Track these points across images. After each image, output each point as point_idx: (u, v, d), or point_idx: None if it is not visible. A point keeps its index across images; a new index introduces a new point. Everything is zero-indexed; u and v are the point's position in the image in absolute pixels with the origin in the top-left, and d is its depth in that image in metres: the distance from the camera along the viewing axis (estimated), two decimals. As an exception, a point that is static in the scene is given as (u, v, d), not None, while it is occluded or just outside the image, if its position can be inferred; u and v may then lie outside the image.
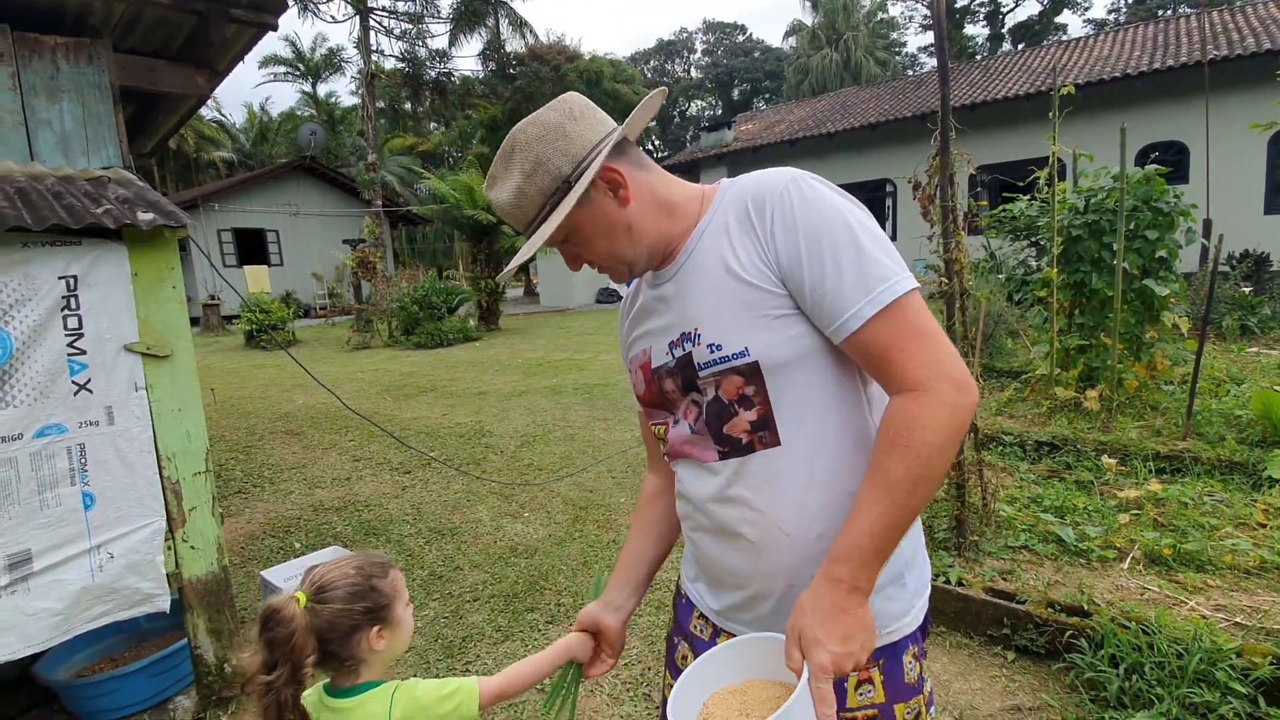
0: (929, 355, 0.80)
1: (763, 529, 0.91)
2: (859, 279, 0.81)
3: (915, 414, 0.79)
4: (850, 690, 0.90)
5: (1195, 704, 1.95)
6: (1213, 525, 2.94)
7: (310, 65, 31.96)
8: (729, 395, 0.90)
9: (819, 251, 0.83)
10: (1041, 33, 32.11)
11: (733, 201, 0.93)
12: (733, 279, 0.89)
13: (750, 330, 0.87)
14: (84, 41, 2.48)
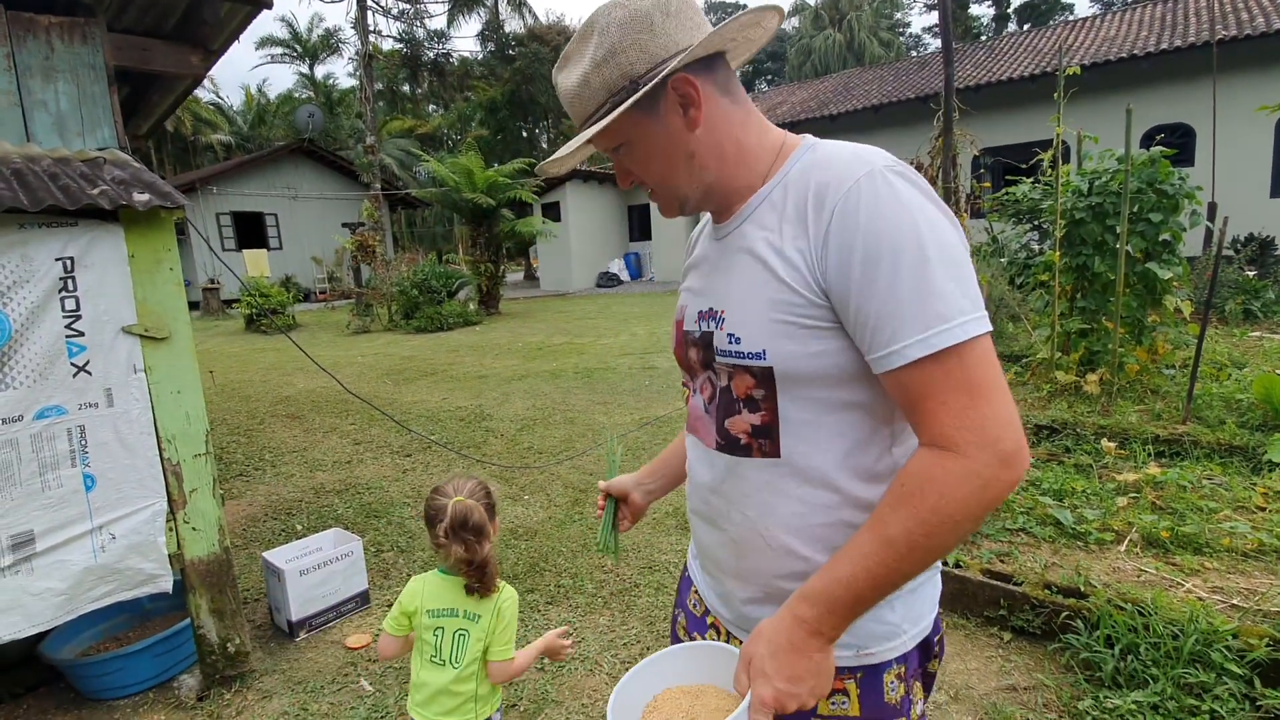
0: (975, 416, 0.69)
1: (746, 532, 0.88)
2: (916, 312, 0.69)
3: (938, 476, 0.70)
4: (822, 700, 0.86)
5: (1190, 684, 1.97)
6: (1211, 508, 2.95)
7: (307, 46, 31.65)
8: (738, 392, 0.85)
9: (875, 267, 0.71)
10: (1048, 12, 31.72)
11: (799, 177, 0.81)
12: (768, 271, 0.79)
13: (773, 333, 0.79)
14: (78, 21, 2.45)
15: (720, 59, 0.85)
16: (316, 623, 2.73)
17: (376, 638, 2.67)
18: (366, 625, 2.77)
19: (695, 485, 0.98)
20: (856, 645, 0.85)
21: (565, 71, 0.86)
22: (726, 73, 0.86)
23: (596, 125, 0.82)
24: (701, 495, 0.96)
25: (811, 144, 0.85)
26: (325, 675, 2.46)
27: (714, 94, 0.84)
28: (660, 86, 0.81)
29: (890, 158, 0.77)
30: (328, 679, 2.44)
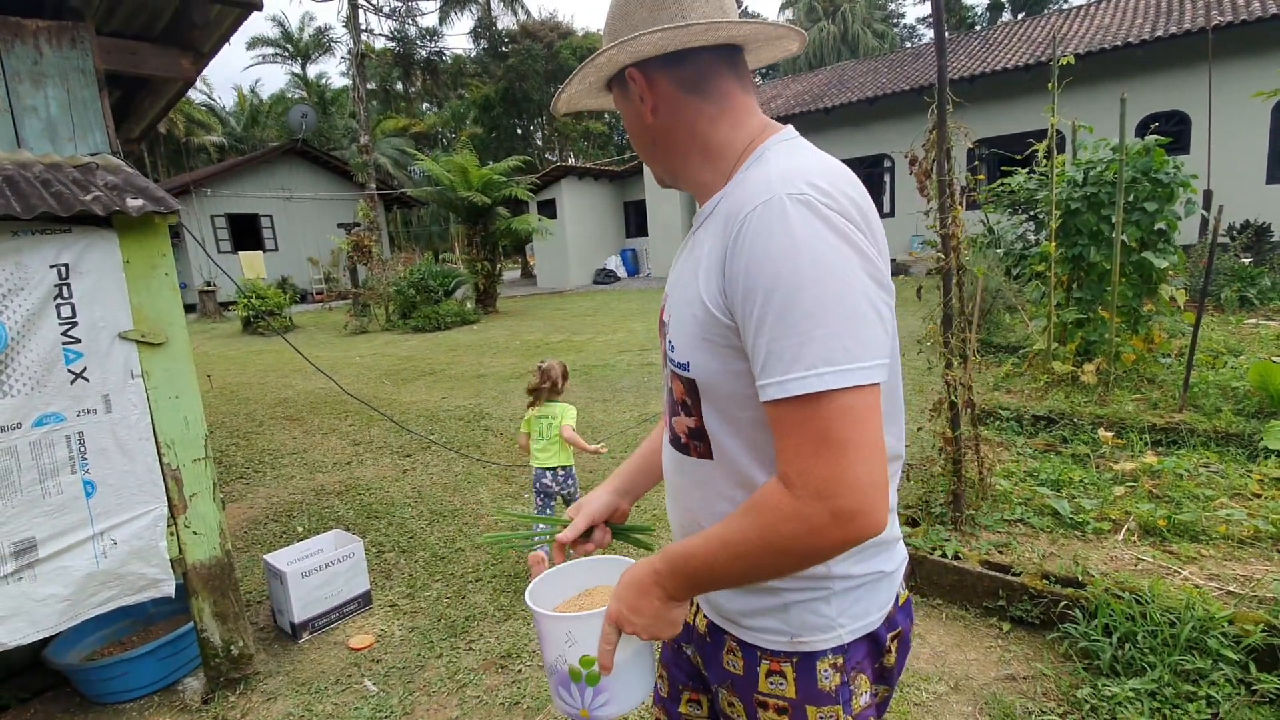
0: (819, 468, 0.67)
1: (689, 520, 0.94)
2: (779, 353, 0.68)
3: (773, 506, 0.71)
4: (761, 676, 0.90)
5: (1187, 671, 1.98)
6: (1208, 496, 2.96)
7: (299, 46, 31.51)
8: (677, 395, 0.88)
9: (752, 302, 0.71)
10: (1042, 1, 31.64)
11: (737, 189, 0.80)
12: (695, 291, 0.80)
13: (697, 349, 0.80)
14: (66, 25, 2.44)
15: (696, 56, 0.85)
16: (319, 624, 2.74)
17: (379, 639, 2.69)
18: (369, 626, 2.78)
19: (664, 471, 1.04)
20: (790, 633, 0.87)
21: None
22: (701, 69, 0.85)
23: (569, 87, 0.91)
24: (666, 480, 1.02)
25: (761, 151, 0.83)
26: (329, 676, 2.47)
27: (672, 88, 0.85)
28: (621, 73, 0.87)
29: (803, 181, 0.72)
30: (331, 680, 2.45)
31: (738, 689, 0.92)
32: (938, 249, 2.83)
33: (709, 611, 0.97)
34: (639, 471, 1.16)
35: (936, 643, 2.41)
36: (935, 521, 2.93)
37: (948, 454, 2.93)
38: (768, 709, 0.90)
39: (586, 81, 0.90)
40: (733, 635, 0.92)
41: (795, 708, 0.88)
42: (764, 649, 0.89)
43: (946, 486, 2.99)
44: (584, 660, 0.90)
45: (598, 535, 1.11)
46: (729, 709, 0.94)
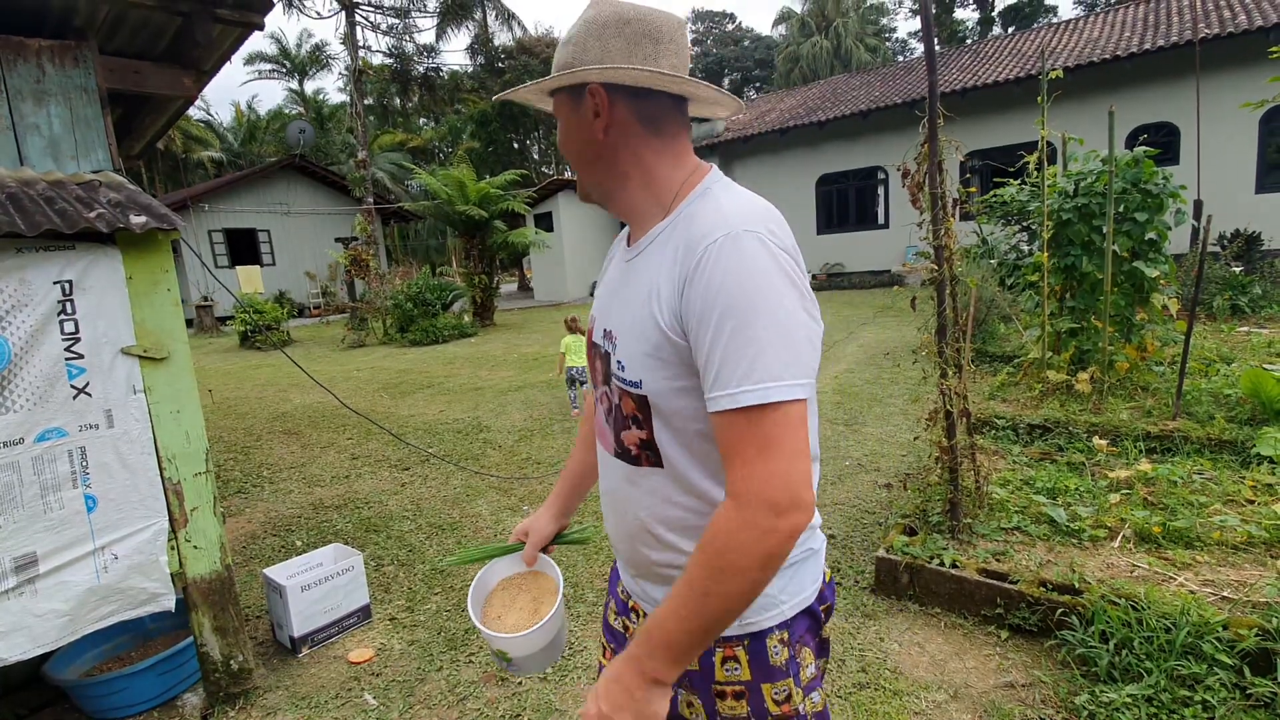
0: (758, 471, 0.77)
1: (639, 530, 0.98)
2: (732, 368, 0.77)
3: (724, 527, 0.78)
4: (717, 665, 0.95)
5: (1183, 676, 2.00)
6: (1202, 503, 2.99)
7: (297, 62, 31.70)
8: (626, 410, 0.94)
9: (710, 321, 0.79)
10: (1031, 15, 32.03)
11: (684, 222, 0.88)
12: (649, 309, 0.87)
13: (647, 366, 0.88)
14: (69, 44, 2.48)
15: (659, 96, 0.93)
16: (319, 638, 2.74)
17: (379, 652, 2.68)
18: (369, 640, 2.78)
19: (602, 482, 1.08)
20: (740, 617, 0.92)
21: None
22: (660, 108, 0.94)
23: (529, 87, 0.96)
24: (606, 495, 1.06)
25: (705, 188, 0.92)
26: (328, 690, 2.47)
27: (630, 117, 0.92)
28: (580, 86, 0.92)
29: (759, 222, 0.82)
30: (331, 694, 2.44)
31: (695, 685, 0.98)
32: (931, 260, 2.86)
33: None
34: (572, 493, 1.29)
35: (935, 651, 2.42)
36: (932, 530, 2.95)
37: (944, 463, 2.95)
38: (726, 698, 0.96)
39: (546, 85, 0.95)
40: None
41: (751, 690, 0.95)
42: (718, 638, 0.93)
43: (943, 495, 3.01)
44: (500, 654, 1.15)
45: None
46: (687, 711, 1.00)
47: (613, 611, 1.19)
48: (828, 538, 3.31)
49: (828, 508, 3.70)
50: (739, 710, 0.96)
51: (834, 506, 3.71)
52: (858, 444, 4.69)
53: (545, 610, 1.18)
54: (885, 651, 2.44)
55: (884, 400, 5.75)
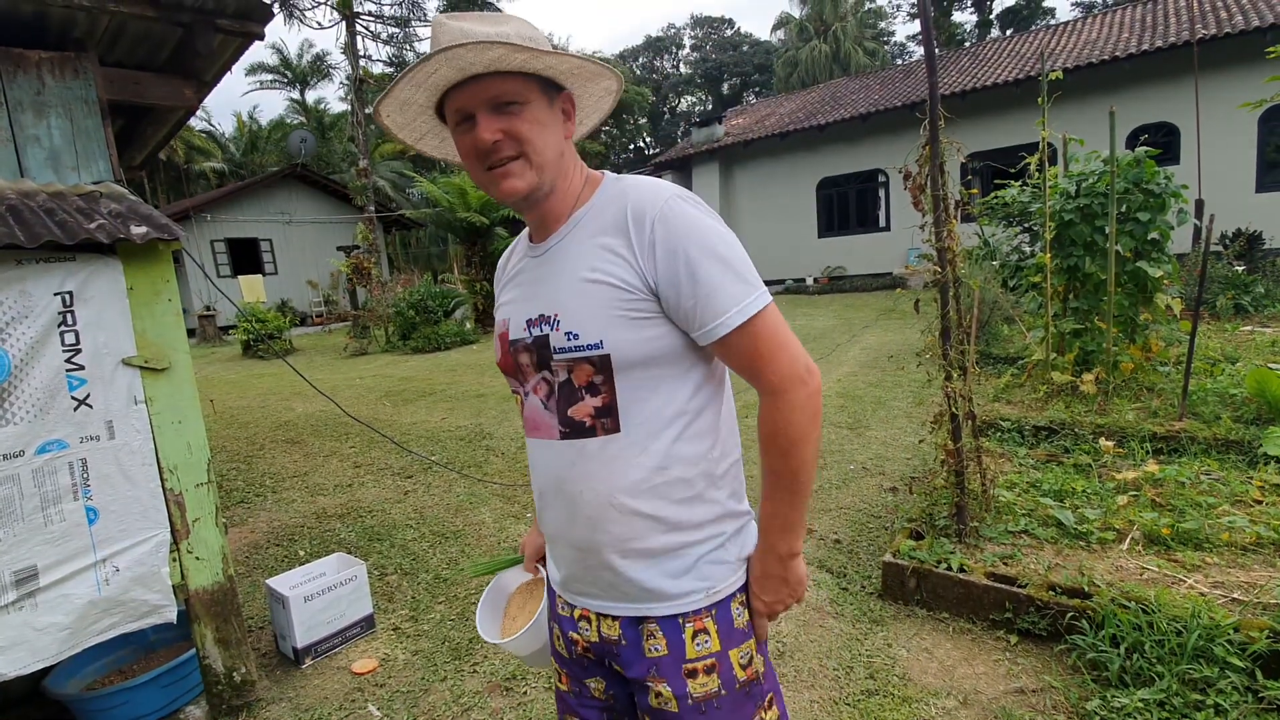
0: (782, 360, 0.94)
1: (598, 506, 0.99)
2: (728, 294, 0.91)
3: (778, 419, 0.95)
4: (688, 642, 1.01)
5: (1194, 679, 1.97)
6: (1210, 504, 2.96)
7: (298, 72, 31.84)
8: (579, 381, 0.97)
9: (695, 266, 0.91)
10: (1029, 17, 32.09)
11: (611, 203, 0.98)
12: (598, 277, 0.94)
13: (608, 326, 0.94)
14: (69, 56, 2.48)
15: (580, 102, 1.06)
16: (322, 649, 2.72)
17: (383, 663, 2.67)
18: (372, 650, 2.77)
19: (540, 477, 1.08)
20: (707, 587, 1.02)
21: (479, 21, 0.92)
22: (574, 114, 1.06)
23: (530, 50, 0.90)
24: (550, 490, 1.05)
25: (615, 178, 1.03)
26: (332, 702, 2.45)
27: (570, 124, 1.04)
28: (558, 85, 0.99)
29: (674, 189, 0.98)
30: (335, 706, 2.43)
31: (663, 671, 1.01)
32: (934, 262, 2.85)
33: (624, 608, 1.03)
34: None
35: (944, 656, 2.39)
36: (939, 534, 2.93)
37: (950, 466, 2.93)
38: (697, 675, 1.00)
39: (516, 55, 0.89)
40: (652, 618, 1.01)
41: (720, 659, 1.01)
42: (686, 614, 1.01)
43: (950, 499, 2.99)
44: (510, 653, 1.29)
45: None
46: (656, 701, 1.01)
47: (556, 635, 1.16)
48: (834, 542, 3.30)
49: (833, 512, 3.68)
50: (710, 685, 1.00)
51: (839, 511, 3.69)
52: (862, 447, 4.67)
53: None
54: (893, 658, 2.42)
55: (888, 403, 5.73)
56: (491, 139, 0.94)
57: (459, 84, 0.94)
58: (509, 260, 1.16)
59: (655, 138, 45.29)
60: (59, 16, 2.39)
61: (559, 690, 1.19)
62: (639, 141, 44.62)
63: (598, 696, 1.12)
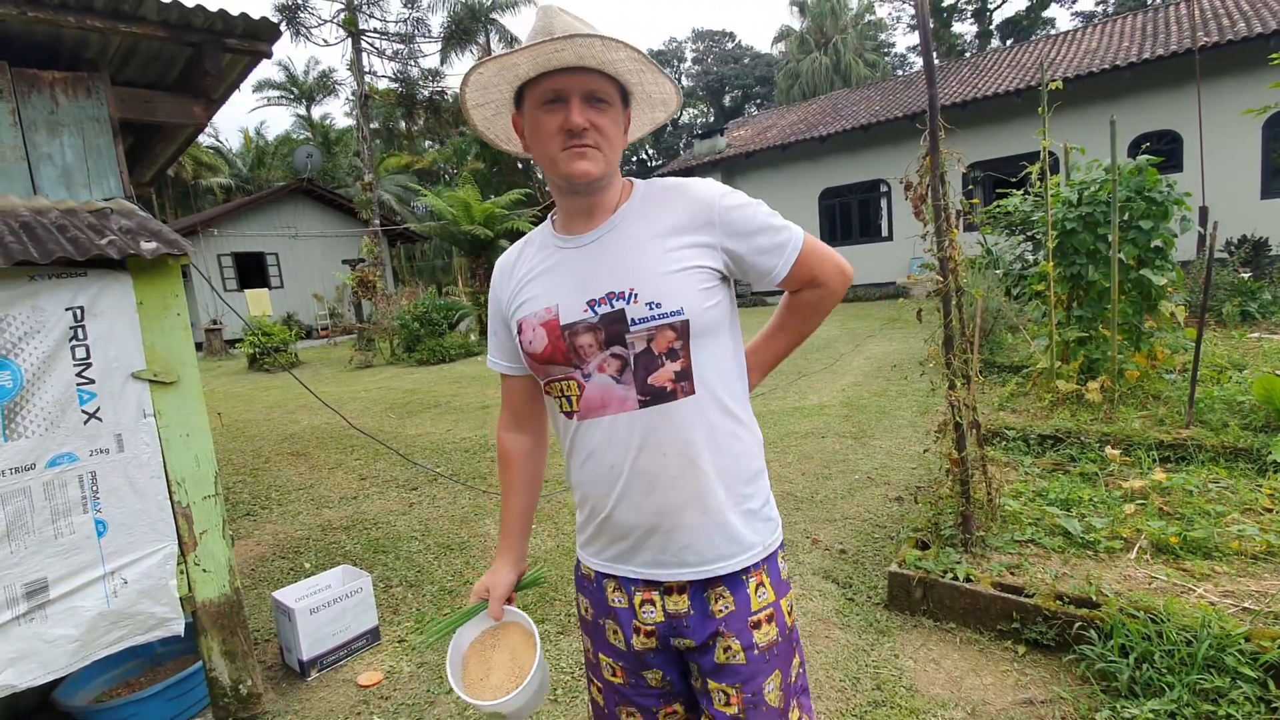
0: (830, 261, 1.19)
1: (681, 465, 1.07)
2: (783, 237, 1.13)
3: (826, 300, 1.22)
4: (752, 595, 1.11)
5: (1205, 690, 1.96)
6: (1219, 512, 2.95)
7: (304, 88, 32.18)
8: (660, 348, 1.05)
9: (758, 226, 1.11)
10: (1030, 28, 32.23)
11: (661, 198, 1.12)
12: (672, 256, 1.07)
13: (686, 294, 1.05)
14: (81, 76, 2.53)
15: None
16: (328, 661, 2.72)
17: (388, 675, 2.66)
18: (377, 663, 2.76)
19: (614, 459, 1.09)
20: (762, 540, 1.13)
21: (581, 22, 1.04)
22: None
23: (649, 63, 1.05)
24: (626, 461, 1.08)
25: (643, 181, 1.17)
26: (337, 715, 2.45)
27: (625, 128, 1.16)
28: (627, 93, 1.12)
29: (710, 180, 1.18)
30: (340, 718, 2.42)
31: (732, 626, 1.10)
32: (936, 271, 2.86)
33: (692, 573, 1.10)
34: (522, 537, 1.33)
35: (951, 667, 2.38)
36: (945, 544, 2.91)
37: (955, 475, 2.92)
38: (760, 626, 1.11)
39: (631, 63, 1.03)
40: (719, 579, 1.10)
41: (776, 609, 1.13)
42: (748, 569, 1.11)
43: (955, 508, 2.98)
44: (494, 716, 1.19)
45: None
46: (724, 656, 1.09)
47: (612, 631, 1.18)
48: (839, 552, 3.29)
49: (838, 522, 3.67)
50: (771, 634, 1.12)
51: (844, 520, 3.68)
52: (867, 457, 4.66)
53: (525, 659, 1.19)
54: (900, 669, 2.40)
55: (892, 413, 5.72)
56: (583, 123, 1.04)
57: (559, 70, 1.03)
58: (518, 260, 1.20)
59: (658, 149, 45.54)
60: (72, 37, 2.43)
61: (610, 684, 1.20)
62: (641, 154, 44.87)
63: (654, 686, 1.17)
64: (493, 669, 1.21)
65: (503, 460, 1.33)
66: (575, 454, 1.14)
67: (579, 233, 1.13)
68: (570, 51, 0.99)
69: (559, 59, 1.01)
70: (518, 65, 1.03)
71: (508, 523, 1.32)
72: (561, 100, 1.04)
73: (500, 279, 1.22)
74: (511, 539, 1.31)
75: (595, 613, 1.21)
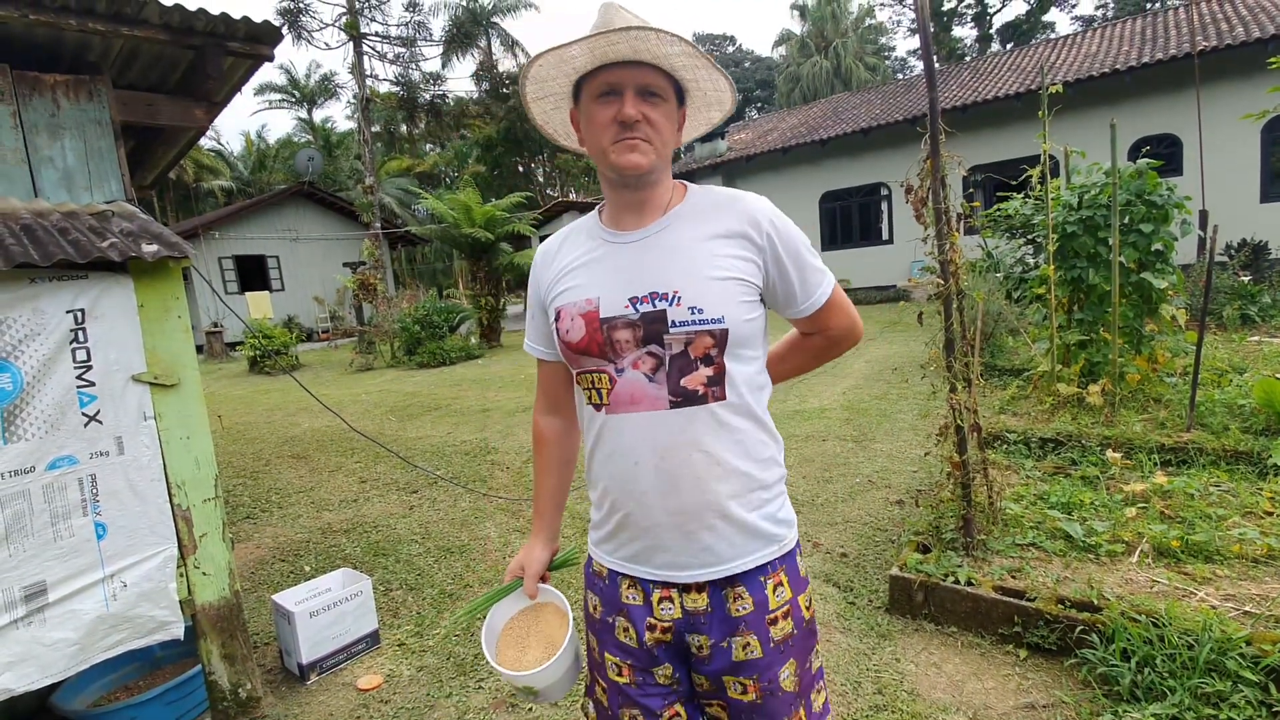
0: (850, 313, 1.24)
1: (705, 466, 1.09)
2: (820, 276, 1.17)
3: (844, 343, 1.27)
4: (770, 595, 1.13)
5: (1207, 694, 1.95)
6: (1220, 515, 2.94)
7: (305, 92, 32.27)
8: (696, 353, 1.07)
9: (801, 258, 1.14)
10: (1029, 32, 32.29)
11: (716, 207, 1.14)
12: (721, 258, 1.09)
13: (727, 304, 1.07)
14: (83, 79, 2.53)
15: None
16: (327, 665, 2.72)
17: (387, 679, 2.66)
18: (377, 666, 2.76)
19: (640, 455, 1.10)
20: (780, 539, 1.16)
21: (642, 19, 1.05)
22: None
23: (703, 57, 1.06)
24: (652, 459, 1.09)
25: (699, 187, 1.18)
26: (337, 719, 2.44)
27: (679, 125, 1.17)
28: (682, 92, 1.13)
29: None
30: (340, 722, 2.42)
31: (752, 624, 1.12)
32: (937, 275, 2.86)
33: (712, 572, 1.11)
34: (556, 515, 1.36)
35: (953, 671, 2.37)
36: (946, 548, 2.91)
37: (956, 479, 2.92)
38: (777, 622, 1.14)
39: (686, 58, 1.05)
40: (737, 579, 1.12)
41: (794, 605, 1.16)
42: (766, 568, 1.13)
43: (956, 512, 2.97)
44: (526, 689, 1.19)
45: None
46: (742, 653, 1.12)
47: (622, 628, 1.18)
48: (840, 556, 3.28)
49: (839, 525, 3.67)
50: (787, 628, 1.15)
51: (845, 524, 3.68)
52: (868, 460, 4.65)
53: (560, 637, 1.21)
54: (901, 672, 2.40)
55: (893, 416, 5.72)
56: (636, 115, 1.05)
57: (614, 63, 1.05)
58: (562, 247, 1.21)
59: (659, 153, 45.48)
60: (74, 40, 2.44)
61: (615, 685, 1.19)
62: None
63: (663, 683, 1.17)
64: (528, 648, 1.23)
65: (537, 441, 1.35)
66: (599, 448, 1.15)
67: (628, 228, 1.14)
68: (626, 45, 1.01)
69: (614, 52, 1.03)
70: (575, 58, 1.06)
71: (541, 502, 1.34)
72: (616, 93, 1.06)
73: (542, 264, 1.23)
74: (545, 517, 1.34)
75: (605, 610, 1.21)
